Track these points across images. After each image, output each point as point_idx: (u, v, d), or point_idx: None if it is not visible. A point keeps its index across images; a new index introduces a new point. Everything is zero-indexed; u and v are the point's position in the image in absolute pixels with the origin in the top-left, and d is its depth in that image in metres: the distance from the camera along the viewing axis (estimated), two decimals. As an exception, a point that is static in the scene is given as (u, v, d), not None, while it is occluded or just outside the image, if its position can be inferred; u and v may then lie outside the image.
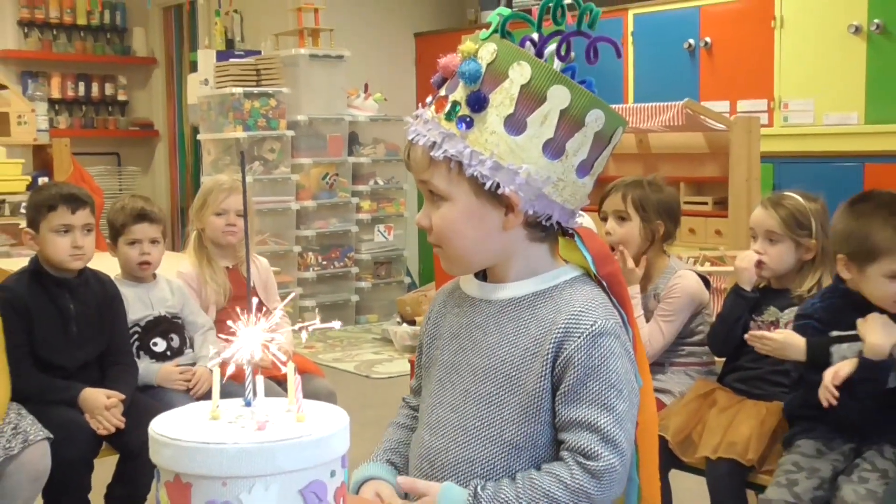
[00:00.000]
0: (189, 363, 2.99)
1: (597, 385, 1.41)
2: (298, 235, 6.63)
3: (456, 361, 1.54)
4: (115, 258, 3.04)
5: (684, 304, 2.74)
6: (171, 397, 2.83)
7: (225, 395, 1.17)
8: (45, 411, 2.58)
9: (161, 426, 1.11)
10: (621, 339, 1.45)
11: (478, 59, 1.41)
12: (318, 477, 1.09)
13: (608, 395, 1.40)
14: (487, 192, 1.43)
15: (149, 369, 2.92)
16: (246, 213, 1.33)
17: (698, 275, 2.83)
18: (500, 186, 1.41)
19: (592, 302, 1.45)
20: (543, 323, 1.45)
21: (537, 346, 1.44)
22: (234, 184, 3.26)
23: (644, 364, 1.53)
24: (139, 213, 2.96)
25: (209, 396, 1.17)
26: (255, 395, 1.18)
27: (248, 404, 1.18)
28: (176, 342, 3.00)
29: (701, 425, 2.50)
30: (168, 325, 3.00)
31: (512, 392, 1.46)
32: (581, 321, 1.42)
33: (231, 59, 6.79)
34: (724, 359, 2.72)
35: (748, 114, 5.03)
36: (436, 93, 1.48)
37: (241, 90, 6.37)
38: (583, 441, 1.40)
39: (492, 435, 1.46)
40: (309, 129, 6.65)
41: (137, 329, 2.95)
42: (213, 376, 1.18)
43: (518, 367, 1.46)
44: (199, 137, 6.96)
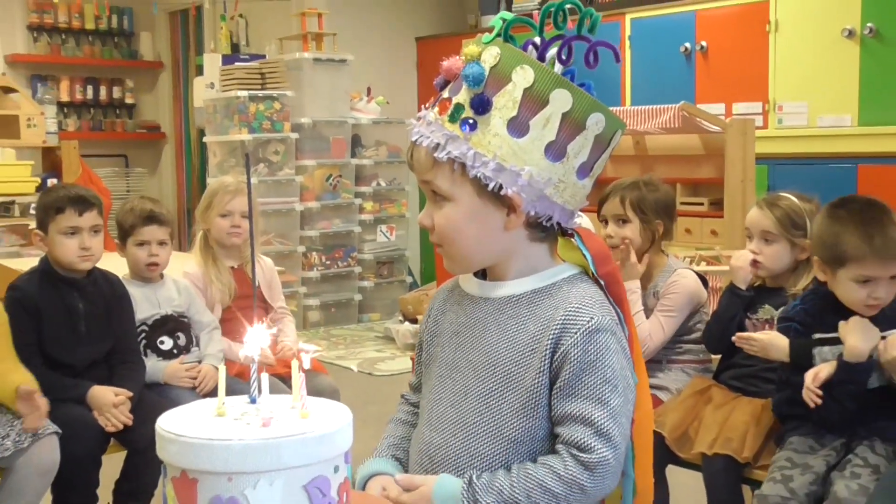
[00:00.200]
0: (195, 361, 2.99)
1: (592, 380, 1.41)
2: (302, 236, 6.63)
3: (456, 358, 1.54)
4: (124, 258, 3.04)
5: (685, 301, 2.74)
6: (177, 394, 2.83)
7: (230, 392, 1.17)
8: (54, 408, 2.57)
9: (168, 423, 1.11)
10: (617, 335, 1.45)
11: (481, 63, 1.41)
12: (321, 472, 1.09)
13: (603, 389, 1.40)
14: (490, 193, 1.43)
15: (156, 367, 2.92)
16: (251, 214, 1.33)
17: (697, 274, 2.83)
18: (503, 187, 1.41)
19: (589, 299, 1.45)
20: (542, 320, 1.45)
21: (535, 342, 1.45)
22: (239, 185, 3.26)
23: (640, 362, 1.53)
24: (148, 215, 2.96)
25: (215, 394, 1.17)
26: (260, 392, 1.18)
27: (252, 401, 1.17)
28: (182, 340, 3.01)
29: (697, 422, 2.50)
30: (175, 324, 3.00)
31: (511, 388, 1.46)
32: (578, 317, 1.42)
33: (236, 63, 6.80)
34: (720, 356, 2.72)
35: (743, 116, 5.04)
36: (438, 95, 1.48)
37: (246, 93, 6.37)
38: (577, 434, 1.40)
39: (491, 430, 1.46)
40: (313, 132, 6.65)
41: (145, 328, 2.95)
42: (219, 374, 1.18)
43: (517, 363, 1.46)
44: (204, 140, 6.96)
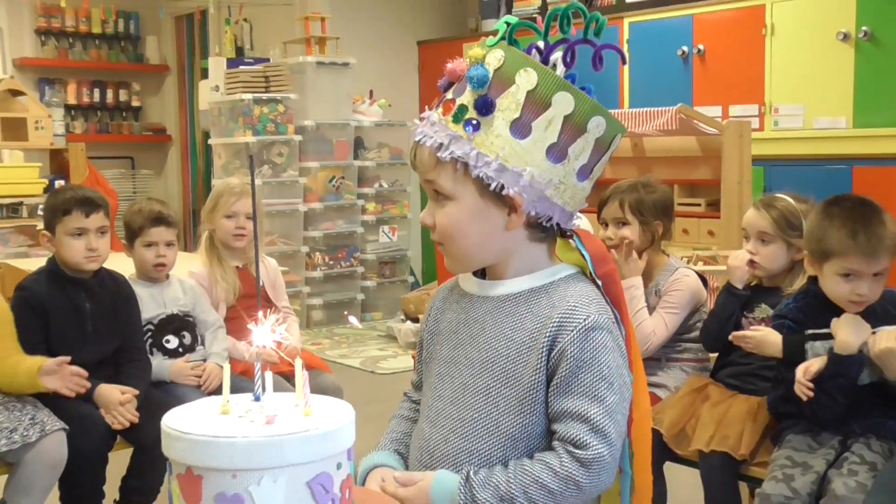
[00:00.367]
0: (200, 359, 2.99)
1: (588, 377, 1.40)
2: (306, 236, 6.63)
3: (455, 356, 1.54)
4: (130, 258, 3.04)
5: (687, 299, 2.74)
6: (182, 392, 2.83)
7: (235, 390, 1.16)
8: (62, 406, 2.58)
9: (173, 420, 1.11)
10: (613, 334, 1.45)
11: (485, 65, 1.42)
12: (324, 469, 1.09)
13: (599, 386, 1.40)
14: (492, 193, 1.43)
15: (162, 366, 2.92)
16: (255, 215, 1.33)
17: (698, 275, 2.83)
18: (505, 187, 1.41)
19: (586, 298, 1.45)
20: (539, 318, 1.45)
21: (533, 339, 1.44)
22: (244, 187, 3.26)
23: (637, 360, 1.53)
24: (156, 217, 2.96)
25: (220, 392, 1.17)
26: (264, 390, 1.18)
27: (257, 399, 1.17)
28: (188, 339, 3.01)
29: (694, 419, 2.50)
30: (180, 323, 3.00)
31: (509, 385, 1.46)
32: (574, 315, 1.42)
33: (241, 67, 6.80)
34: (717, 355, 2.72)
35: (740, 118, 5.03)
36: (442, 96, 1.48)
37: (250, 96, 6.38)
38: (573, 431, 1.40)
39: (489, 426, 1.46)
40: (316, 134, 6.65)
41: (151, 327, 2.95)
42: (224, 372, 1.18)
43: (514, 361, 1.46)
44: (210, 142, 6.97)
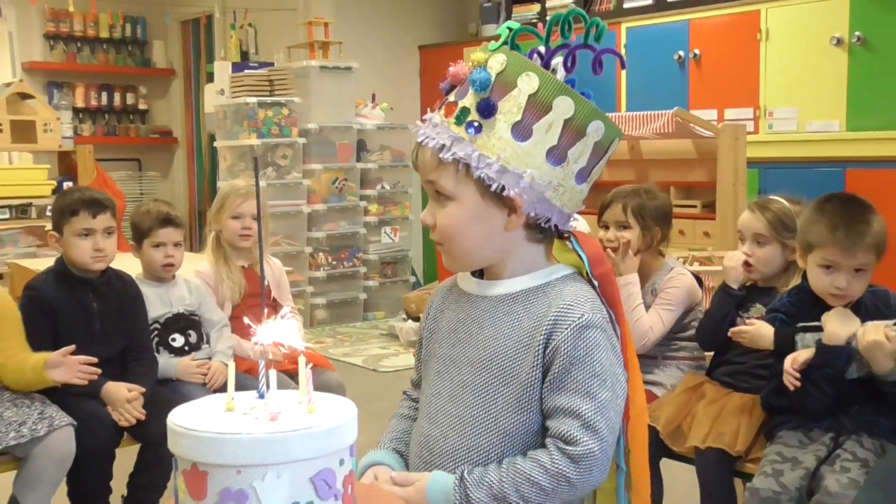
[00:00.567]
0: (205, 357, 2.99)
1: (581, 374, 1.40)
2: (310, 237, 6.63)
3: (454, 354, 1.54)
4: (137, 259, 3.04)
5: (683, 296, 2.75)
6: (188, 390, 2.83)
7: (240, 387, 1.16)
8: (70, 403, 2.58)
9: (179, 417, 1.11)
10: (607, 332, 1.45)
11: (488, 69, 1.42)
12: (327, 465, 1.09)
13: (591, 383, 1.40)
14: (493, 194, 1.43)
15: (168, 364, 2.92)
16: (259, 216, 1.33)
17: (692, 275, 2.84)
18: (506, 189, 1.41)
19: (581, 297, 1.45)
20: (536, 317, 1.45)
21: (530, 338, 1.44)
22: (250, 189, 3.25)
23: (633, 359, 1.52)
24: (164, 218, 2.96)
25: (225, 389, 1.17)
26: (269, 387, 1.18)
27: (261, 396, 1.17)
28: (193, 338, 3.01)
29: (690, 417, 2.50)
30: (186, 322, 3.00)
31: (506, 382, 1.46)
32: (569, 314, 1.42)
33: (246, 71, 6.81)
34: (713, 353, 2.72)
35: (735, 122, 5.03)
36: (444, 98, 1.48)
37: (255, 100, 6.37)
38: (564, 427, 1.39)
39: (487, 423, 1.46)
40: (319, 137, 6.65)
41: (157, 326, 2.95)
42: (229, 370, 1.18)
43: (512, 359, 1.46)
44: (215, 144, 6.97)
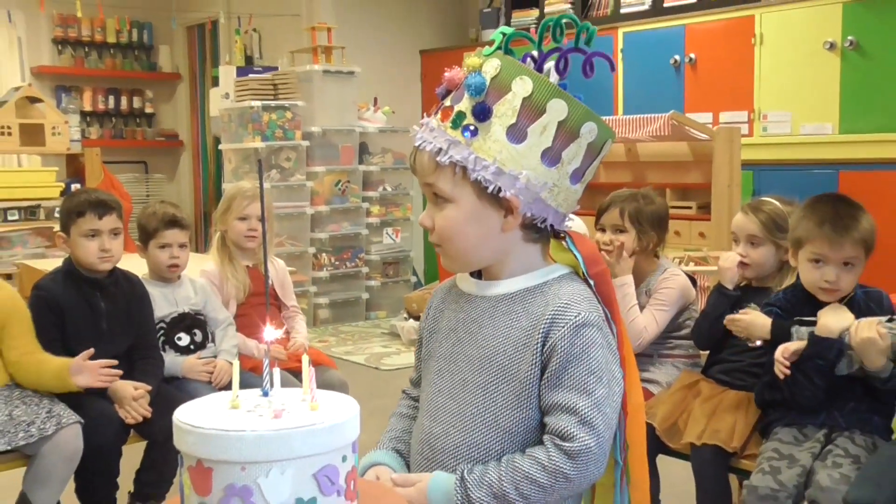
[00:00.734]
0: (210, 356, 2.99)
1: (577, 371, 1.40)
2: (313, 238, 6.63)
3: (454, 353, 1.54)
4: (143, 259, 3.04)
5: (676, 296, 2.75)
6: (194, 388, 2.83)
7: (244, 385, 1.16)
8: (78, 401, 2.58)
9: (184, 415, 1.11)
10: (603, 331, 1.45)
11: (483, 73, 1.42)
12: (330, 462, 1.09)
13: (588, 380, 1.40)
14: (489, 196, 1.43)
15: (174, 362, 2.92)
16: (263, 217, 1.33)
17: (687, 275, 2.85)
18: (502, 190, 1.42)
19: (578, 296, 1.46)
20: (533, 316, 1.45)
21: (528, 337, 1.44)
22: (256, 191, 3.25)
23: (629, 357, 1.53)
24: (171, 220, 2.96)
25: (230, 387, 1.17)
26: (272, 385, 1.18)
27: (265, 394, 1.17)
28: (199, 337, 3.01)
29: (686, 414, 2.50)
30: (191, 321, 3.00)
31: (506, 380, 1.46)
32: (566, 313, 1.42)
33: (250, 75, 6.80)
34: (708, 352, 2.72)
35: (730, 124, 5.03)
36: (440, 103, 1.48)
37: (259, 103, 6.38)
38: (561, 423, 1.39)
39: (487, 420, 1.46)
40: (322, 140, 6.65)
41: (163, 325, 2.95)
42: (234, 368, 1.18)
43: (511, 357, 1.46)
44: (220, 147, 6.96)
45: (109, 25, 8.71)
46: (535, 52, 1.47)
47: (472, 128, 1.41)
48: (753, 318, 2.39)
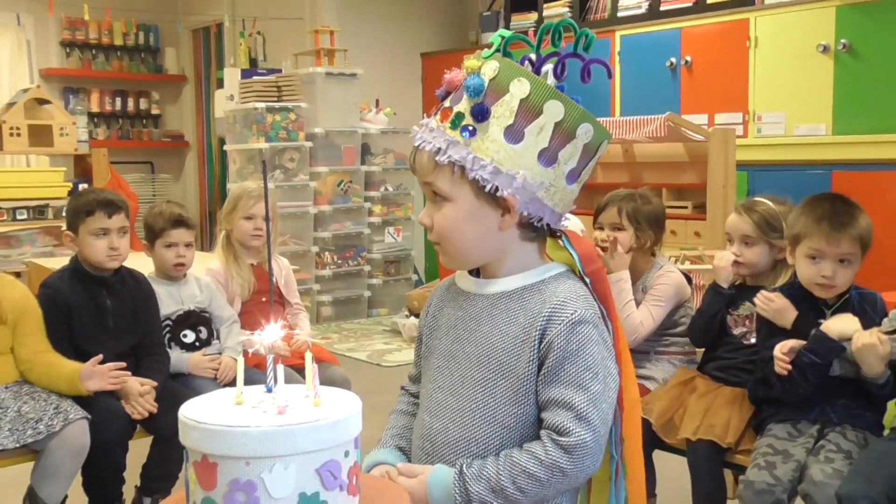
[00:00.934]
0: (215, 353, 2.99)
1: (573, 367, 1.40)
2: (316, 237, 6.63)
3: (453, 350, 1.54)
4: (150, 258, 3.04)
5: (672, 293, 2.75)
6: (199, 384, 2.83)
7: (248, 382, 1.16)
8: (85, 397, 2.58)
9: (190, 411, 1.11)
10: (599, 328, 1.45)
11: (481, 75, 1.42)
12: (333, 457, 1.09)
13: (584, 376, 1.40)
14: (487, 195, 1.43)
15: (179, 359, 2.92)
16: (268, 217, 1.33)
17: (682, 273, 2.85)
18: (500, 189, 1.42)
19: (574, 294, 1.46)
20: (531, 313, 1.45)
21: (525, 334, 1.44)
22: (262, 191, 3.25)
23: (625, 353, 1.53)
24: (177, 219, 2.96)
25: (234, 384, 1.17)
26: (276, 382, 1.18)
27: (269, 391, 1.17)
28: (204, 334, 3.01)
29: (682, 410, 2.50)
30: (197, 319, 3.00)
31: (504, 377, 1.46)
32: (563, 310, 1.42)
33: (254, 77, 6.80)
34: (704, 349, 2.72)
35: (725, 126, 5.02)
36: (440, 104, 1.48)
37: (263, 105, 6.37)
38: (558, 418, 1.39)
39: (486, 416, 1.46)
40: (325, 141, 6.65)
41: (169, 322, 2.95)
42: (238, 365, 1.18)
43: (509, 354, 1.46)
44: (225, 148, 6.97)
45: (116, 28, 8.70)
46: (532, 56, 1.47)
47: (470, 128, 1.41)
48: (785, 306, 2.33)
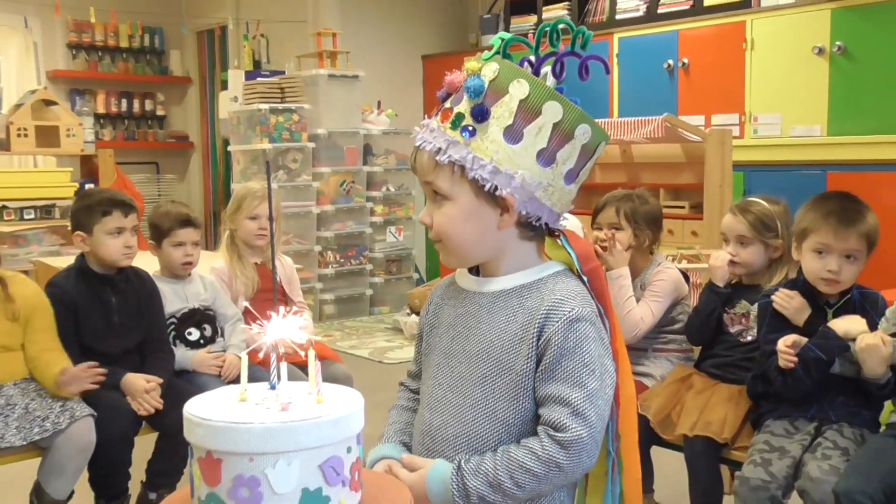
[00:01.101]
0: (220, 350, 2.99)
1: (571, 364, 1.40)
2: (319, 236, 6.63)
3: (453, 347, 1.54)
4: (154, 256, 3.04)
5: (670, 289, 2.76)
6: (203, 381, 2.83)
7: (252, 379, 1.16)
8: (91, 394, 2.58)
9: (194, 407, 1.11)
10: (596, 325, 1.45)
11: (481, 76, 1.42)
12: (335, 453, 1.09)
13: (581, 373, 1.40)
14: (486, 194, 1.43)
15: (184, 356, 2.92)
16: (271, 216, 1.33)
17: (680, 271, 2.85)
18: (499, 188, 1.42)
19: (571, 292, 1.46)
20: (529, 311, 1.45)
21: (524, 331, 1.45)
22: (265, 191, 3.25)
23: (622, 351, 1.53)
24: (184, 219, 2.97)
25: (238, 381, 1.17)
26: (280, 379, 1.18)
27: (272, 387, 1.17)
28: (208, 332, 3.01)
29: (679, 406, 2.50)
30: (201, 317, 3.01)
31: (503, 373, 1.46)
32: (561, 308, 1.43)
33: (258, 79, 6.80)
34: (701, 347, 2.72)
35: (721, 127, 5.03)
36: (441, 105, 1.48)
37: (267, 106, 6.37)
38: (554, 414, 1.40)
39: (486, 412, 1.47)
40: (328, 142, 6.65)
41: (174, 320, 2.95)
42: (242, 363, 1.18)
43: (508, 351, 1.46)
44: (229, 149, 6.96)
45: (122, 31, 8.70)
46: (532, 57, 1.47)
47: (470, 128, 1.42)
48: (802, 306, 2.31)
